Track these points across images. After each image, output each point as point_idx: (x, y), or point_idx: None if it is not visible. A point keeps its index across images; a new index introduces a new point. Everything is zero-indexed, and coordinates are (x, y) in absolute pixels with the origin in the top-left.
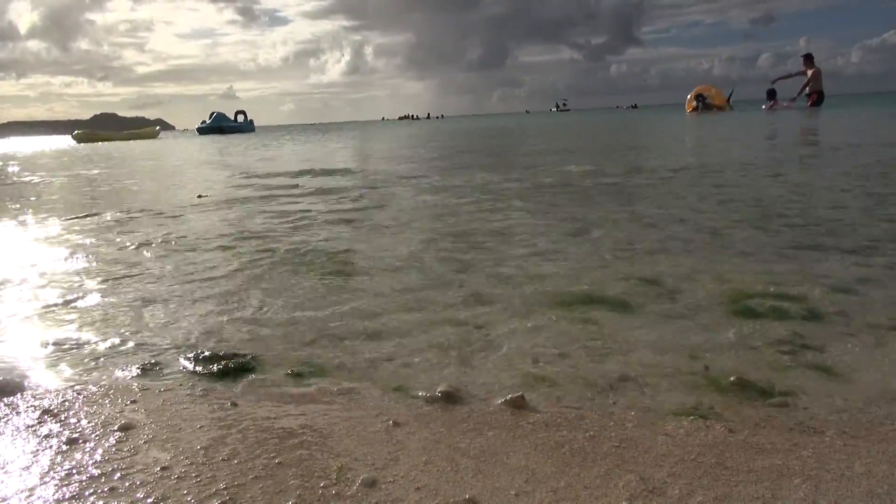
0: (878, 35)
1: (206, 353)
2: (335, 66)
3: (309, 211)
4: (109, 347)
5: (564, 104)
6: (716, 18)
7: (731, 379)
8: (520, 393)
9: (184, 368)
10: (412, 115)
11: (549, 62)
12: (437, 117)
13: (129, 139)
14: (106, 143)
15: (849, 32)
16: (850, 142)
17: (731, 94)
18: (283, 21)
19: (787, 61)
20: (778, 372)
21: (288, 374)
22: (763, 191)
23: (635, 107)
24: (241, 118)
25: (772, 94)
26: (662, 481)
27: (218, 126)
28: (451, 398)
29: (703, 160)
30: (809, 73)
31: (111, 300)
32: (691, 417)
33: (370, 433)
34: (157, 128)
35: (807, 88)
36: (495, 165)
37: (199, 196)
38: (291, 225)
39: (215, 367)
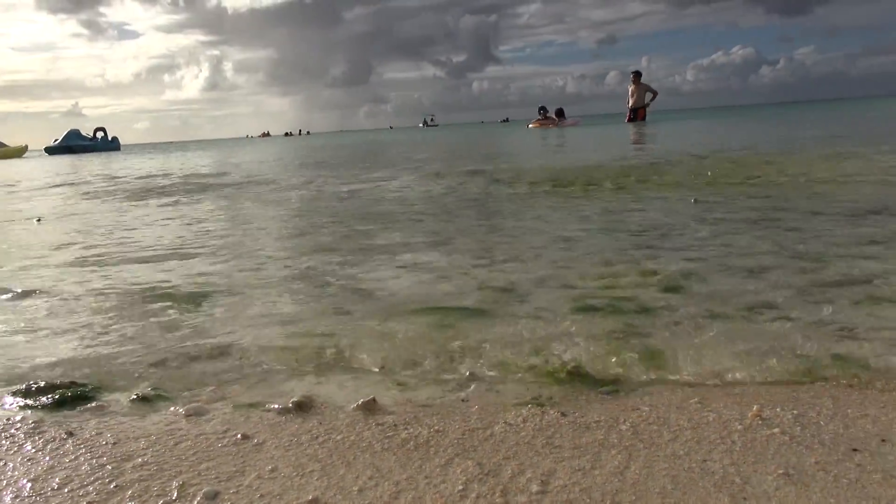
0: (708, 56)
1: (41, 384)
2: (193, 82)
3: (168, 223)
4: None
5: (432, 119)
6: (566, 39)
7: (568, 369)
8: (371, 397)
9: (13, 403)
10: (279, 132)
11: (414, 79)
12: (306, 133)
13: None
14: None
15: (684, 53)
16: (687, 151)
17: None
18: (133, 35)
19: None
20: (610, 360)
21: (132, 398)
22: (607, 201)
23: (507, 120)
24: (100, 135)
25: (559, 113)
26: (497, 464)
27: (67, 146)
28: (303, 408)
29: (553, 174)
30: (632, 88)
31: None
32: (529, 406)
33: (217, 449)
34: (25, 145)
35: (630, 102)
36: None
37: (38, 220)
38: (138, 252)
39: (49, 398)
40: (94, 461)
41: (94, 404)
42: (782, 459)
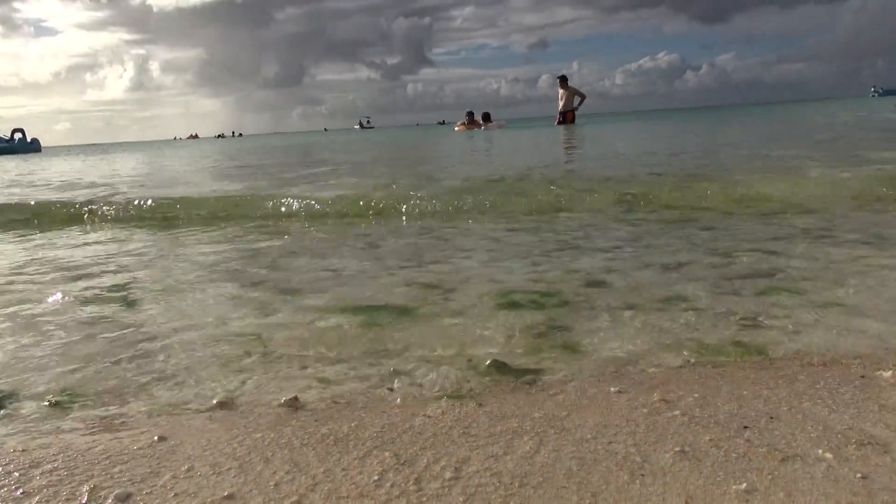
0: (636, 61)
1: None
2: (117, 82)
3: (87, 231)
4: None
5: (368, 121)
6: (500, 42)
7: (489, 362)
8: (294, 395)
9: None
10: (216, 134)
11: (348, 81)
12: (239, 135)
13: None
14: None
15: (612, 58)
16: (609, 152)
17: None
18: (52, 32)
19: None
20: (530, 353)
21: (46, 404)
22: (535, 198)
23: (443, 122)
24: (18, 136)
25: (485, 117)
26: (414, 454)
27: None
28: (225, 407)
29: (486, 171)
30: (561, 92)
31: None
32: (449, 399)
33: (131, 451)
34: None
35: (560, 106)
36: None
37: None
38: (57, 258)
39: None
40: (0, 469)
41: (1, 413)
42: (680, 438)
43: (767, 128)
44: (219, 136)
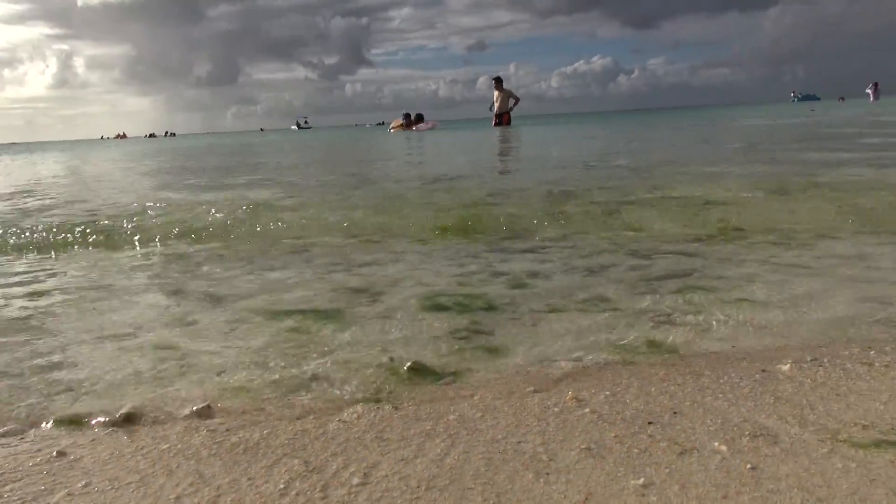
0: (571, 64)
1: None
2: (38, 79)
3: None
4: None
5: (306, 122)
6: (438, 44)
7: (408, 365)
8: (206, 403)
9: None
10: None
11: (285, 80)
12: (172, 135)
13: None
14: None
15: (548, 61)
16: (540, 154)
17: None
18: None
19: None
20: (452, 355)
21: None
22: (469, 196)
23: (382, 123)
24: None
25: (418, 118)
26: (324, 461)
27: None
28: (132, 419)
29: (419, 171)
30: (496, 94)
31: None
32: (366, 403)
33: (26, 468)
34: None
35: (495, 108)
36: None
37: None
38: None
39: None
40: None
41: None
42: (587, 436)
43: (693, 131)
44: (149, 135)
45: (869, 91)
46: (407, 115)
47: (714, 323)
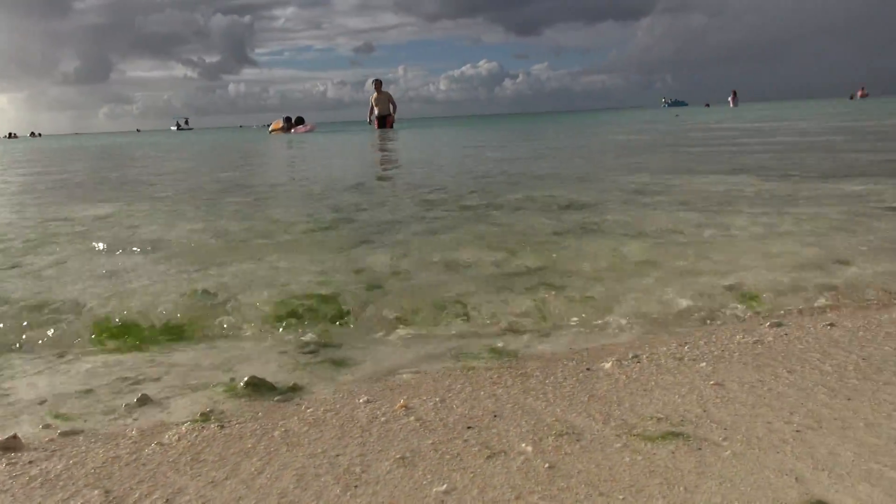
0: (459, 68)
1: None
2: None
3: None
4: None
5: (186, 122)
6: (325, 45)
7: (245, 381)
8: (12, 433)
9: None
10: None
11: (163, 79)
12: (38, 135)
13: None
14: None
15: (436, 64)
16: (420, 156)
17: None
18: None
19: (389, 87)
20: (296, 369)
21: None
22: (343, 199)
23: (269, 125)
24: None
25: (298, 121)
26: (128, 489)
27: None
28: None
29: (291, 175)
30: (376, 95)
31: None
32: (192, 423)
33: None
34: None
35: (375, 111)
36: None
37: None
38: None
39: None
40: None
41: None
42: (405, 444)
43: (568, 134)
44: (9, 135)
45: (730, 98)
46: (288, 119)
47: (556, 323)
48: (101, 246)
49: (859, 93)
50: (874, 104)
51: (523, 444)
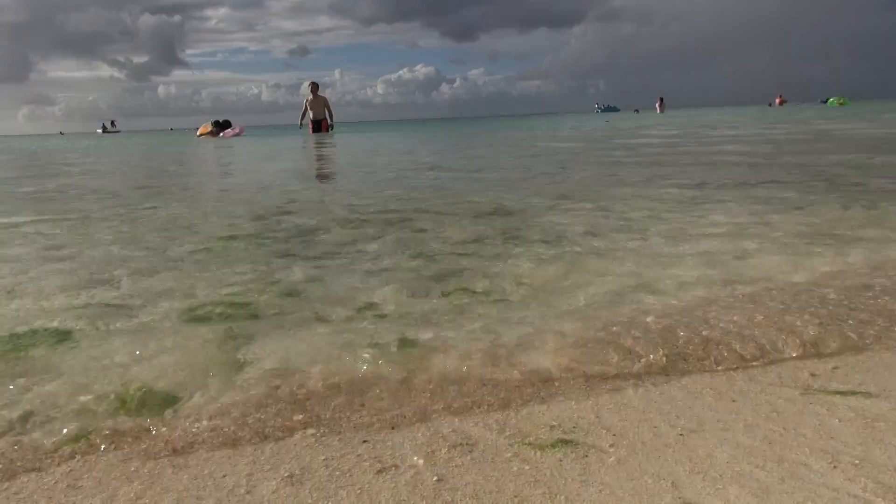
0: (396, 72)
1: None
2: None
3: None
4: None
5: (113, 124)
6: (259, 47)
7: (141, 394)
8: None
9: None
10: None
11: (87, 79)
12: None
13: None
14: None
15: (373, 67)
16: (350, 162)
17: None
18: None
19: (326, 91)
20: (190, 378)
21: None
22: (266, 205)
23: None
24: None
25: (225, 124)
26: None
27: None
28: None
29: (218, 181)
30: (311, 98)
31: None
32: (75, 443)
33: None
34: None
35: (310, 114)
36: None
37: None
38: None
39: None
40: None
41: None
42: (297, 461)
43: (498, 140)
44: None
45: (657, 105)
46: (216, 122)
47: (468, 330)
48: None
49: (777, 100)
50: (789, 111)
51: (416, 457)
